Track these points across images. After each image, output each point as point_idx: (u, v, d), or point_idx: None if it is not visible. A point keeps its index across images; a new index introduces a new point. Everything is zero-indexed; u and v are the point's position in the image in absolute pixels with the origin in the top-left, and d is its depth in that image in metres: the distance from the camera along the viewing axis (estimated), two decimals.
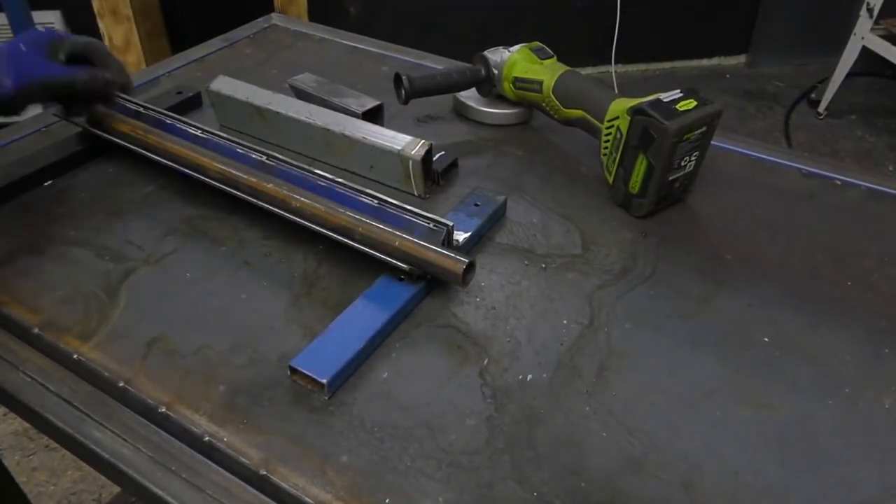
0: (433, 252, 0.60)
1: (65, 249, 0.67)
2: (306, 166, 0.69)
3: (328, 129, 0.76)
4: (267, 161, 0.71)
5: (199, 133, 0.75)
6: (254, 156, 0.71)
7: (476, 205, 0.71)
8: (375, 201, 0.65)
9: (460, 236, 0.66)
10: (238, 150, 0.72)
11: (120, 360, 0.56)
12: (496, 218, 0.72)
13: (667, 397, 0.55)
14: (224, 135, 0.74)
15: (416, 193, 0.76)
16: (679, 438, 0.52)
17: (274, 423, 0.52)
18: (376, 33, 1.18)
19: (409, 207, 0.64)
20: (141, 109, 0.78)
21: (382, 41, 1.12)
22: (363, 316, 0.59)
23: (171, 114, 0.78)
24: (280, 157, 0.70)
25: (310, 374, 0.53)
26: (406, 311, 0.61)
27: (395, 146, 0.73)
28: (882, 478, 0.49)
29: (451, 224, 0.62)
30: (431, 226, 0.63)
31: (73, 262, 0.66)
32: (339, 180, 0.67)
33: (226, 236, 0.69)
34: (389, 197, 0.65)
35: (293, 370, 0.54)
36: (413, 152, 0.72)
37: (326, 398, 0.54)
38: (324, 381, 0.53)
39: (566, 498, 0.47)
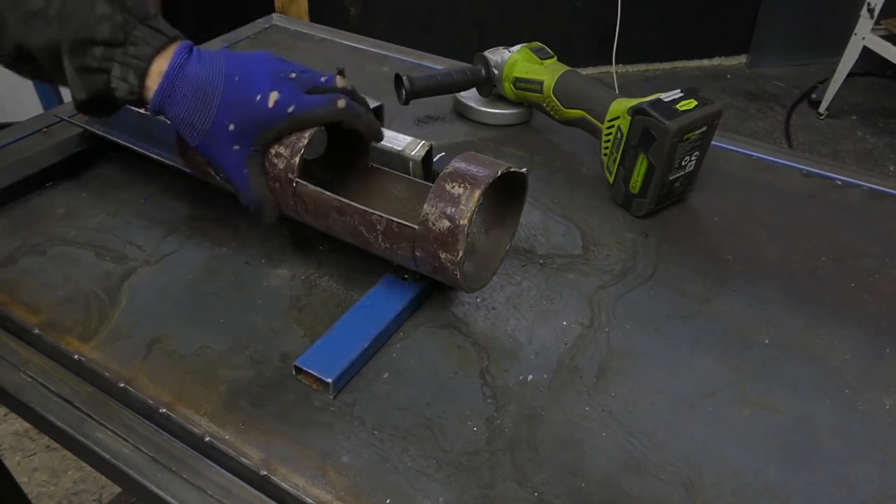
0: None
1: (65, 250, 0.68)
2: None
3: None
4: None
5: None
6: None
7: None
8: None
9: None
10: None
11: (120, 361, 0.56)
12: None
13: (667, 397, 0.55)
14: None
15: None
16: (679, 438, 0.52)
17: (274, 424, 0.52)
18: (376, 33, 1.18)
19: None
20: (143, 110, 0.78)
21: (382, 41, 1.12)
22: (368, 315, 0.59)
23: None
24: None
25: (315, 373, 0.53)
26: (410, 309, 0.61)
27: (396, 146, 0.73)
28: (882, 478, 0.49)
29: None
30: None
31: (73, 263, 0.66)
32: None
33: (226, 237, 0.69)
34: None
35: (298, 369, 0.54)
36: (413, 153, 0.72)
37: (332, 397, 0.54)
38: (329, 380, 0.53)
39: (566, 498, 0.47)
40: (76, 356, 0.56)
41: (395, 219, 0.55)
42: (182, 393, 0.54)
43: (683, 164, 0.71)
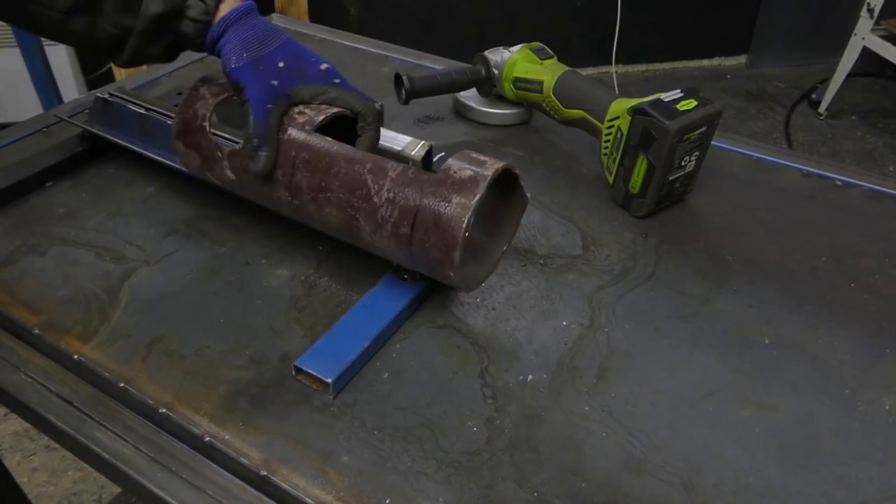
0: None
1: (65, 250, 0.67)
2: None
3: None
4: None
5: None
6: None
7: None
8: None
9: None
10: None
11: (120, 361, 0.56)
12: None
13: (667, 398, 0.55)
14: (219, 133, 0.73)
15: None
16: (679, 438, 0.52)
17: (274, 424, 0.52)
18: (376, 34, 1.18)
19: None
20: (143, 110, 0.78)
21: (382, 42, 1.12)
22: (368, 315, 0.59)
23: (172, 114, 0.77)
24: None
25: (315, 373, 0.53)
26: (410, 310, 0.61)
27: (396, 146, 0.73)
28: (882, 478, 0.49)
29: None
30: None
31: (73, 263, 0.66)
32: None
33: (226, 237, 0.69)
34: None
35: (298, 369, 0.54)
36: (413, 153, 0.72)
37: (332, 397, 0.54)
38: (329, 380, 0.53)
39: (566, 498, 0.47)
40: (76, 356, 0.56)
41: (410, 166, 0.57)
42: (182, 393, 0.54)
43: (683, 164, 0.71)
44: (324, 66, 0.62)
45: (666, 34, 3.08)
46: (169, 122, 0.76)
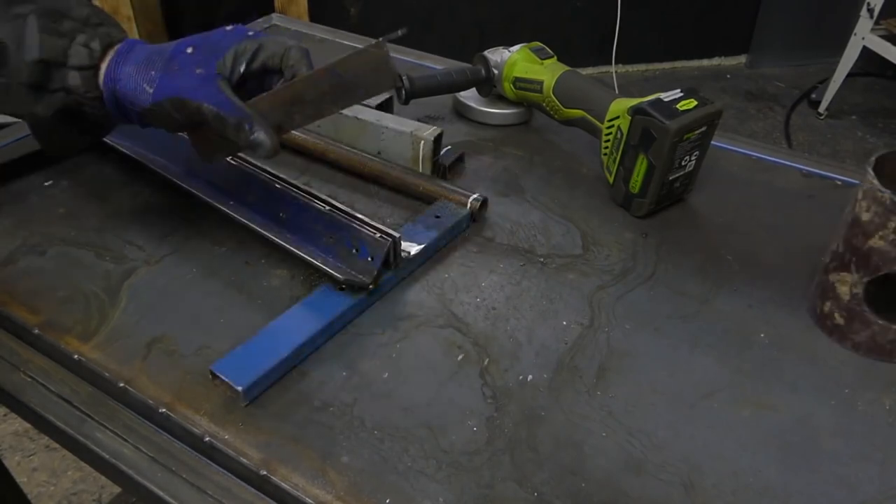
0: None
1: (65, 250, 0.67)
2: (266, 167, 0.68)
3: (339, 113, 0.77)
4: (231, 161, 0.70)
5: None
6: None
7: (437, 217, 0.69)
8: (326, 207, 0.64)
9: (412, 248, 0.65)
10: None
11: (120, 361, 0.56)
12: (456, 232, 0.70)
13: (667, 398, 0.55)
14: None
15: (421, 171, 0.76)
16: (679, 439, 0.52)
17: (274, 424, 0.52)
18: (376, 33, 1.18)
19: (359, 216, 0.63)
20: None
21: None
22: (295, 324, 0.57)
23: None
24: (242, 155, 0.70)
25: (227, 380, 0.52)
26: (343, 321, 0.60)
27: (406, 128, 0.74)
28: (882, 478, 0.49)
29: (397, 236, 0.61)
30: (377, 236, 0.61)
31: (73, 263, 0.66)
32: (295, 183, 0.66)
33: (226, 236, 0.69)
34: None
35: (213, 375, 0.53)
36: (425, 134, 0.73)
37: (244, 406, 0.53)
38: (239, 388, 0.52)
39: (566, 498, 0.47)
40: (76, 356, 0.56)
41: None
42: (182, 393, 0.54)
43: (683, 164, 0.71)
44: (229, 28, 0.58)
45: (666, 34, 3.09)
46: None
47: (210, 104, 0.53)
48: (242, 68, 0.56)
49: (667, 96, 0.70)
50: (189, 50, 0.55)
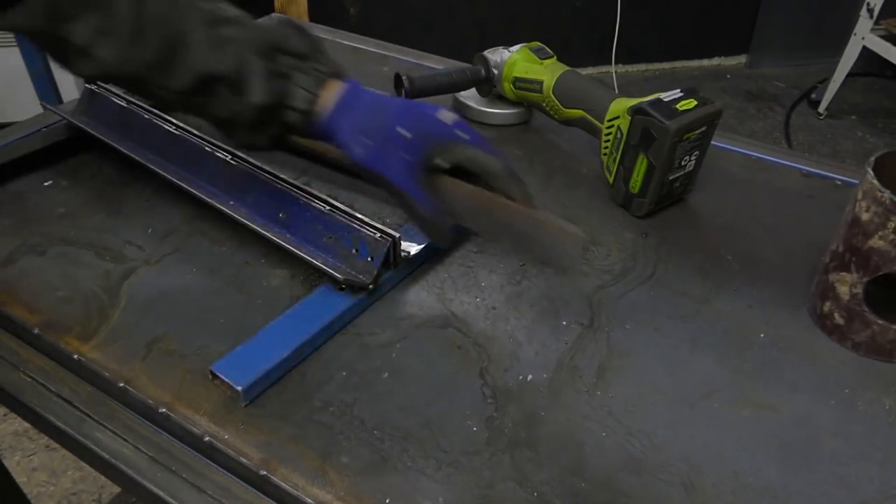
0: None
1: (65, 249, 0.67)
2: (264, 166, 0.69)
3: None
4: (231, 160, 0.71)
5: (173, 130, 0.75)
6: (219, 155, 0.71)
7: None
8: (326, 207, 0.64)
9: (412, 248, 0.65)
10: (206, 149, 0.72)
11: (120, 361, 0.56)
12: (457, 232, 0.69)
13: (667, 398, 0.55)
14: (197, 132, 0.74)
15: None
16: (679, 439, 0.52)
17: (274, 423, 0.52)
18: (376, 33, 1.18)
19: (359, 216, 0.63)
20: (124, 103, 0.79)
21: (383, 41, 1.12)
22: (295, 324, 0.57)
23: (151, 109, 0.78)
24: (242, 156, 0.70)
25: (227, 380, 0.52)
26: (343, 321, 0.60)
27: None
28: (882, 478, 0.49)
29: (397, 236, 0.61)
30: (377, 236, 0.62)
31: (73, 263, 0.66)
32: (295, 183, 0.67)
33: (226, 236, 0.69)
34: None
35: (213, 375, 0.53)
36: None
37: (244, 406, 0.53)
38: (239, 388, 0.52)
39: (566, 498, 0.47)
40: (76, 356, 0.56)
41: None
42: (182, 393, 0.54)
43: (683, 164, 0.71)
44: (449, 120, 0.57)
45: (666, 34, 3.08)
46: (146, 116, 0.77)
47: (412, 195, 0.57)
48: (447, 166, 0.58)
49: (667, 96, 0.69)
50: (408, 135, 0.55)
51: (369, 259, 0.61)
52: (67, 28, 0.49)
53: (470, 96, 0.92)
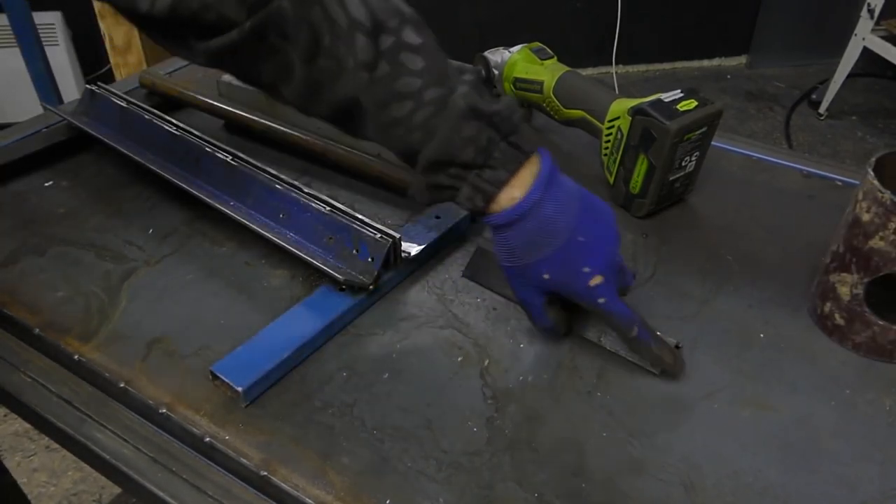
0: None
1: (65, 250, 0.68)
2: (266, 168, 0.69)
3: None
4: (231, 161, 0.71)
5: (173, 130, 0.75)
6: (219, 155, 0.71)
7: (437, 217, 0.69)
8: (326, 208, 0.64)
9: (412, 249, 0.65)
10: (206, 149, 0.72)
11: (120, 361, 0.56)
12: (457, 232, 0.70)
13: (667, 398, 0.55)
14: (197, 133, 0.74)
15: None
16: (679, 439, 0.52)
17: (274, 424, 0.52)
18: None
19: (359, 216, 0.63)
20: (124, 104, 0.79)
21: None
22: (295, 324, 0.57)
23: (151, 109, 0.78)
24: (242, 156, 0.70)
25: (227, 380, 0.52)
26: (343, 321, 0.60)
27: None
28: (882, 478, 0.49)
29: (397, 237, 0.61)
30: (378, 236, 0.62)
31: (73, 263, 0.66)
32: (295, 183, 0.67)
33: (226, 237, 0.69)
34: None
35: (213, 375, 0.53)
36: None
37: (244, 406, 0.53)
38: (239, 388, 0.52)
39: (567, 499, 0.47)
40: (76, 356, 0.56)
41: None
42: (182, 393, 0.54)
43: (683, 164, 0.71)
44: (593, 283, 0.53)
45: (666, 35, 3.08)
46: (147, 117, 0.77)
47: (530, 312, 0.56)
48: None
49: (667, 97, 0.69)
50: (546, 276, 0.53)
51: (370, 259, 0.61)
52: (255, 70, 0.49)
53: None
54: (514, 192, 0.50)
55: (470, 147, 0.48)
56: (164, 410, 0.52)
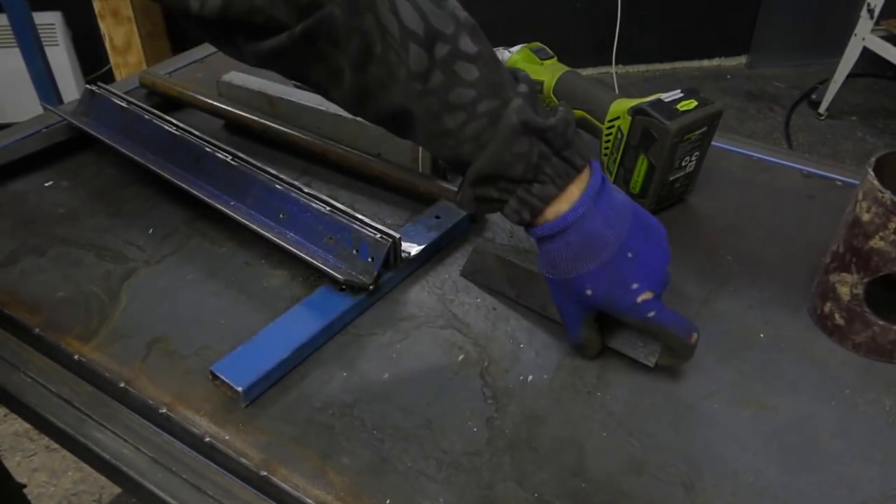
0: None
1: (66, 250, 0.68)
2: (266, 168, 0.69)
3: (339, 115, 0.78)
4: (231, 160, 0.71)
5: (173, 130, 0.75)
6: (219, 155, 0.71)
7: (437, 217, 0.69)
8: (326, 207, 0.64)
9: (412, 249, 0.65)
10: (206, 149, 0.73)
11: (120, 361, 0.56)
12: (456, 232, 0.70)
13: (667, 398, 0.55)
14: (197, 133, 0.74)
15: (421, 171, 0.76)
16: (679, 439, 0.52)
17: (274, 424, 0.52)
18: None
19: (359, 216, 0.63)
20: (124, 104, 0.79)
21: None
22: (296, 324, 0.57)
23: (151, 109, 0.78)
24: (242, 156, 0.70)
25: (228, 381, 0.52)
26: (343, 321, 0.60)
27: None
28: (882, 478, 0.49)
29: (397, 237, 0.61)
30: (378, 236, 0.62)
31: (73, 263, 0.66)
32: (295, 183, 0.67)
33: (226, 237, 0.69)
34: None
35: (213, 375, 0.53)
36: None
37: (244, 406, 0.53)
38: (240, 388, 0.52)
39: (567, 499, 0.47)
40: (76, 356, 0.56)
41: None
42: (182, 393, 0.54)
43: (683, 164, 0.71)
44: (641, 299, 0.51)
45: (666, 35, 3.08)
46: (146, 117, 0.77)
47: (566, 324, 0.56)
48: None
49: (667, 97, 0.69)
50: (588, 292, 0.52)
51: (370, 259, 0.61)
52: (304, 72, 0.48)
53: None
54: (560, 206, 0.50)
55: (521, 163, 0.47)
56: (164, 410, 0.52)
